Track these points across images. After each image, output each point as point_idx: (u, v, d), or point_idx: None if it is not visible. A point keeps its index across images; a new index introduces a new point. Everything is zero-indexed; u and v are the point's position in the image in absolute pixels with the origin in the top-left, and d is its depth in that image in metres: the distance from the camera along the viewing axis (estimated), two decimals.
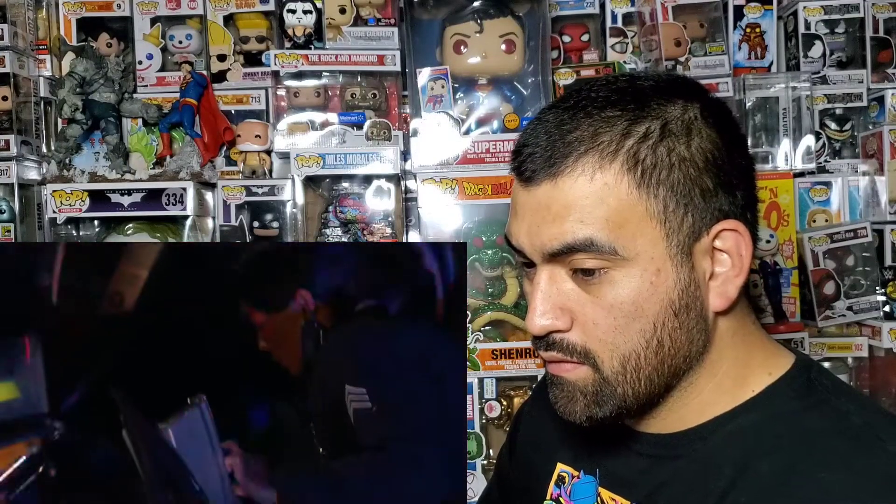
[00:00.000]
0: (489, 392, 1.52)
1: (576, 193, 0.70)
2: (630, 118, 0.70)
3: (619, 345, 0.71)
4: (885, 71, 1.63)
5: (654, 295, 0.70)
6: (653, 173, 0.69)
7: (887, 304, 1.55)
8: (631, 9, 1.65)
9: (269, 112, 1.62)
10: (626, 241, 0.69)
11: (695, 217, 0.70)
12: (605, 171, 0.69)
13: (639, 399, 0.74)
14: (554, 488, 0.89)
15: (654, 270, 0.70)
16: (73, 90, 1.53)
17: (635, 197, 0.69)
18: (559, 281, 0.73)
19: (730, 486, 0.70)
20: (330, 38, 1.56)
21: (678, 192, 0.70)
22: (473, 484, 1.50)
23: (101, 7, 1.62)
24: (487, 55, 1.55)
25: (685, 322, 0.72)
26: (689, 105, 0.72)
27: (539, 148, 0.72)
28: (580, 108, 0.72)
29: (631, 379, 0.72)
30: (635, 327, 0.71)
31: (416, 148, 1.52)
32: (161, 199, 1.49)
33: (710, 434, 0.75)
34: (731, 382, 0.75)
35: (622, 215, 0.69)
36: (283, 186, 1.54)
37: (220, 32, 1.62)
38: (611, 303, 0.71)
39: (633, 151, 0.69)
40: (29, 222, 1.59)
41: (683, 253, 0.70)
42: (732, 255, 0.72)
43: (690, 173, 0.70)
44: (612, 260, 0.69)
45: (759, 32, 1.61)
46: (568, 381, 0.75)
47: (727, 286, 0.72)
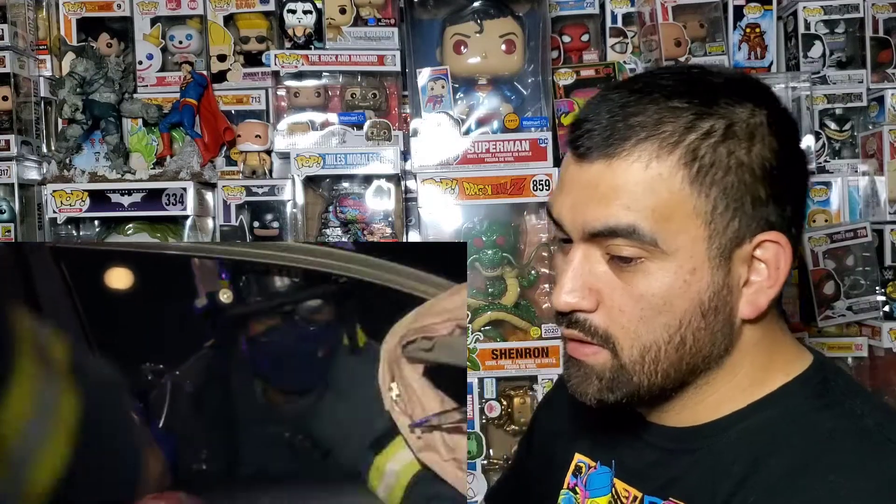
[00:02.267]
0: (489, 392, 1.52)
1: (628, 178, 0.69)
2: (696, 112, 0.69)
3: (642, 335, 0.71)
4: (885, 71, 1.63)
5: (685, 293, 0.70)
6: (708, 172, 0.68)
7: (887, 303, 1.55)
8: (631, 9, 1.65)
9: (270, 112, 1.62)
10: (669, 234, 0.68)
11: (741, 223, 0.69)
12: (662, 162, 0.68)
13: (652, 390, 0.74)
14: (571, 478, 0.89)
15: (690, 269, 0.69)
16: (73, 90, 1.53)
17: (686, 193, 0.68)
18: (593, 262, 0.72)
19: (740, 483, 0.70)
20: (330, 39, 1.57)
21: (730, 195, 0.68)
22: (473, 484, 1.50)
23: (102, 7, 1.62)
24: (487, 55, 1.56)
25: (711, 324, 0.71)
26: (757, 110, 0.70)
27: (599, 126, 0.71)
28: (647, 93, 0.71)
29: (648, 370, 0.72)
30: (660, 321, 0.70)
31: (416, 148, 1.52)
32: (161, 199, 1.49)
33: (723, 430, 0.75)
34: (749, 383, 0.75)
35: (669, 208, 0.68)
36: (284, 186, 1.54)
37: (220, 32, 1.62)
38: (641, 293, 0.70)
39: (693, 146, 0.68)
40: (29, 222, 1.60)
41: (723, 256, 0.70)
42: (770, 266, 0.71)
43: (745, 179, 0.69)
44: (650, 251, 0.69)
45: (759, 32, 1.61)
46: (585, 363, 0.75)
47: (759, 296, 0.72)
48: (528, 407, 1.52)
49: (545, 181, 1.49)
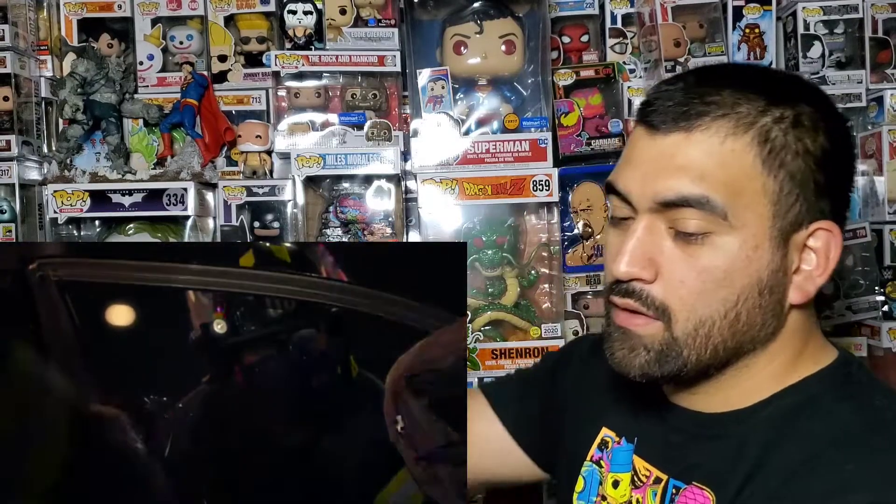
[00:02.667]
0: None
1: (703, 150, 0.72)
2: (768, 100, 0.73)
3: (699, 308, 0.73)
4: (884, 71, 1.63)
5: (746, 268, 0.72)
6: (779, 154, 0.72)
7: (886, 303, 1.55)
8: (630, 9, 1.65)
9: (270, 112, 1.62)
10: (738, 209, 0.71)
11: (801, 208, 0.73)
12: (737, 139, 0.71)
13: (699, 367, 0.75)
14: (596, 451, 0.90)
15: (753, 245, 0.72)
16: (74, 90, 1.53)
17: (757, 171, 0.71)
18: (656, 234, 0.74)
19: (758, 467, 0.72)
20: (330, 39, 1.57)
21: (795, 179, 0.72)
22: None
23: (102, 8, 1.62)
24: (487, 56, 1.56)
25: (766, 303, 0.74)
26: (818, 106, 0.75)
27: (674, 102, 0.74)
28: (722, 78, 0.75)
29: (699, 345, 0.74)
30: (720, 294, 0.72)
31: (417, 148, 1.52)
32: (162, 200, 1.49)
33: (747, 417, 0.77)
34: (783, 371, 0.78)
35: (740, 184, 0.71)
36: (284, 187, 1.54)
37: (220, 33, 1.62)
38: (705, 265, 0.72)
39: (766, 128, 0.72)
40: (30, 222, 1.60)
41: (782, 238, 0.73)
42: (820, 255, 0.74)
43: (810, 166, 0.72)
44: (718, 224, 0.71)
45: (759, 33, 1.61)
46: (635, 334, 0.76)
47: (808, 283, 0.75)
48: None
49: (545, 181, 1.50)
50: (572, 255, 1.59)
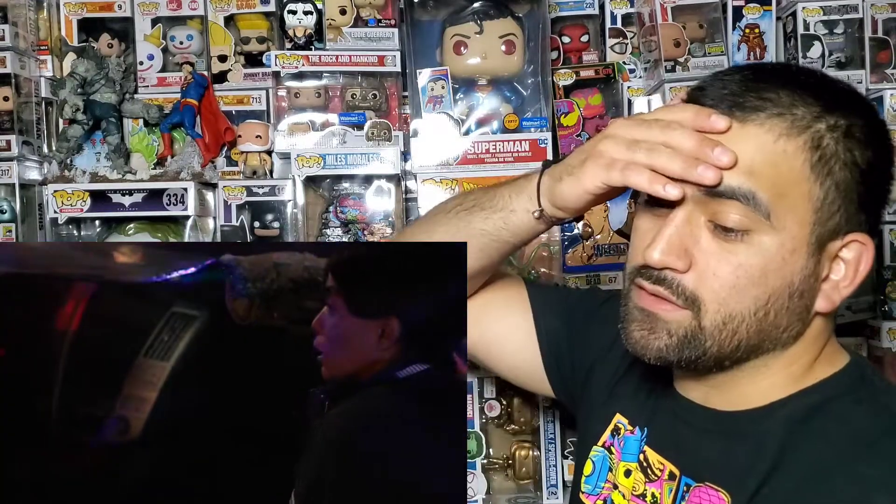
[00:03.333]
0: (489, 392, 1.52)
1: (756, 145, 0.71)
2: (824, 106, 0.72)
3: (731, 302, 0.72)
4: (884, 71, 1.63)
5: (781, 269, 0.72)
6: (828, 162, 0.71)
7: (886, 303, 1.55)
8: (630, 10, 1.66)
9: (270, 112, 1.62)
10: (781, 210, 0.70)
11: (841, 219, 0.73)
12: (790, 140, 0.71)
13: (718, 359, 0.75)
14: (609, 436, 0.90)
15: (791, 249, 0.72)
16: (74, 91, 1.53)
17: (805, 175, 0.71)
18: (694, 225, 0.73)
19: (773, 468, 0.72)
20: (330, 39, 1.57)
21: (840, 189, 0.72)
22: (473, 483, 1.51)
23: (102, 8, 1.62)
24: (487, 56, 1.56)
25: (795, 306, 0.74)
26: (869, 120, 0.75)
27: (730, 91, 0.73)
28: (780, 77, 0.74)
29: (725, 337, 0.74)
30: (752, 292, 0.72)
31: (417, 148, 1.52)
32: (162, 200, 1.49)
33: (762, 418, 0.77)
34: (800, 373, 0.78)
35: (787, 187, 0.71)
36: (284, 187, 1.54)
37: (220, 33, 1.62)
38: (741, 262, 0.71)
39: (819, 134, 0.71)
40: (30, 222, 1.60)
41: (818, 245, 0.73)
42: (850, 267, 0.74)
43: (856, 178, 0.72)
44: (759, 223, 0.70)
45: (758, 33, 1.61)
46: (660, 317, 0.75)
47: (834, 293, 0.75)
48: (527, 406, 1.52)
49: None
50: (572, 255, 1.59)
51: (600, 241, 1.59)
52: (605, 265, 1.59)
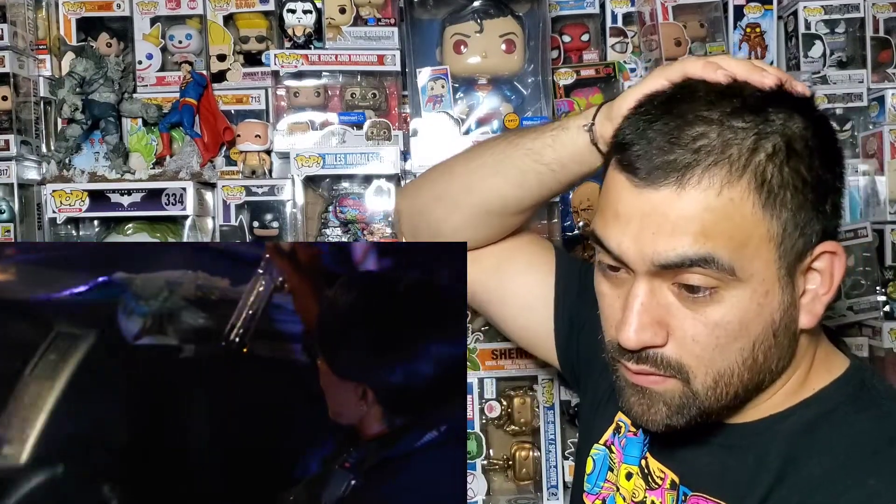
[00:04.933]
0: (489, 392, 1.52)
1: (700, 205, 0.66)
2: (757, 132, 0.68)
3: (717, 362, 0.70)
4: (886, 71, 1.63)
5: (759, 316, 0.69)
6: (778, 195, 0.67)
7: (887, 304, 1.54)
8: (631, 9, 1.65)
9: (269, 112, 1.62)
10: (745, 261, 0.67)
11: (805, 239, 0.70)
12: (733, 187, 0.66)
13: (720, 407, 0.74)
14: (611, 435, 0.89)
15: (764, 292, 0.69)
16: (72, 90, 1.53)
17: (759, 217, 0.67)
18: (659, 294, 0.70)
19: (777, 480, 0.71)
20: (330, 38, 1.56)
21: (798, 216, 0.69)
22: (473, 484, 1.50)
23: (101, 7, 1.61)
24: (487, 55, 1.55)
25: (781, 341, 0.72)
26: (805, 121, 0.70)
27: (658, 149, 0.68)
28: (700, 112, 0.69)
29: (720, 394, 0.72)
30: (736, 346, 0.70)
31: (416, 148, 1.52)
32: (161, 199, 1.49)
33: (764, 430, 0.76)
34: (798, 384, 0.76)
35: (744, 234, 0.67)
36: (283, 186, 1.54)
37: (219, 32, 1.61)
38: (716, 321, 0.69)
39: (761, 169, 0.67)
40: (28, 222, 1.59)
41: (789, 274, 0.70)
42: (824, 275, 0.72)
43: (809, 197, 0.69)
44: (725, 280, 0.67)
45: (760, 32, 1.61)
46: (654, 392, 0.73)
47: (815, 304, 0.72)
48: (527, 407, 1.52)
49: None
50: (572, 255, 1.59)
51: None
52: None
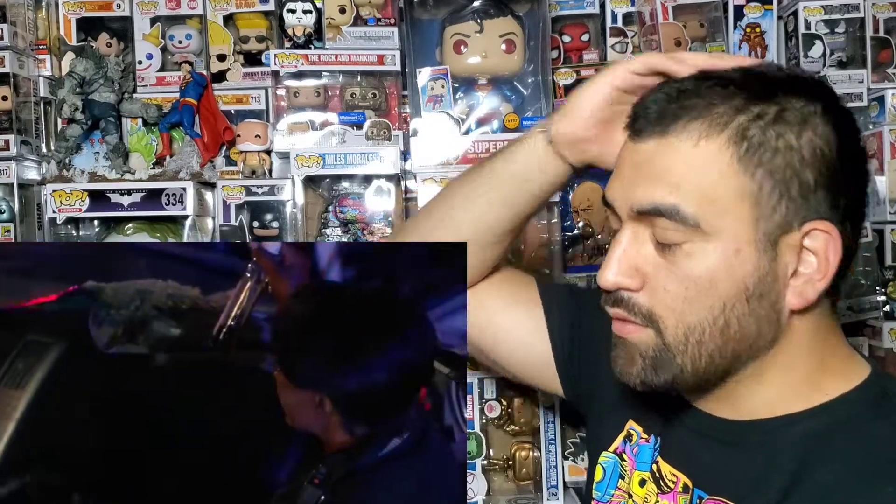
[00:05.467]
0: (489, 392, 1.52)
1: (677, 156, 0.70)
2: (748, 97, 0.70)
3: (686, 315, 0.71)
4: (886, 71, 1.63)
5: (729, 275, 0.70)
6: (756, 152, 0.68)
7: (887, 303, 1.54)
8: (631, 9, 1.65)
9: (269, 112, 1.62)
10: (712, 216, 0.69)
11: (788, 209, 0.69)
12: (711, 140, 0.69)
13: (696, 375, 0.74)
14: (621, 443, 0.89)
15: (734, 250, 0.69)
16: (72, 90, 1.53)
17: (733, 171, 0.69)
18: (640, 242, 0.73)
19: (791, 486, 0.70)
20: (330, 38, 1.56)
21: (776, 177, 0.69)
22: (473, 484, 1.50)
23: (101, 7, 1.61)
24: (487, 55, 1.55)
25: (756, 310, 0.71)
26: (814, 102, 0.71)
27: (655, 107, 0.72)
28: (705, 80, 0.73)
29: (692, 352, 0.72)
30: (705, 302, 0.71)
31: (416, 148, 1.52)
32: (161, 199, 1.49)
33: (777, 430, 0.74)
34: (806, 384, 0.75)
35: (716, 189, 0.69)
36: (283, 186, 1.54)
37: (219, 32, 1.61)
38: (686, 274, 0.71)
39: (742, 127, 0.69)
40: (28, 222, 1.59)
41: (769, 241, 0.70)
42: (819, 258, 0.70)
43: (794, 164, 0.69)
44: (692, 233, 0.69)
45: (760, 32, 1.61)
46: (630, 342, 0.75)
47: (807, 287, 0.71)
48: (528, 407, 1.52)
49: None
50: (572, 255, 1.59)
51: (601, 241, 1.59)
52: None
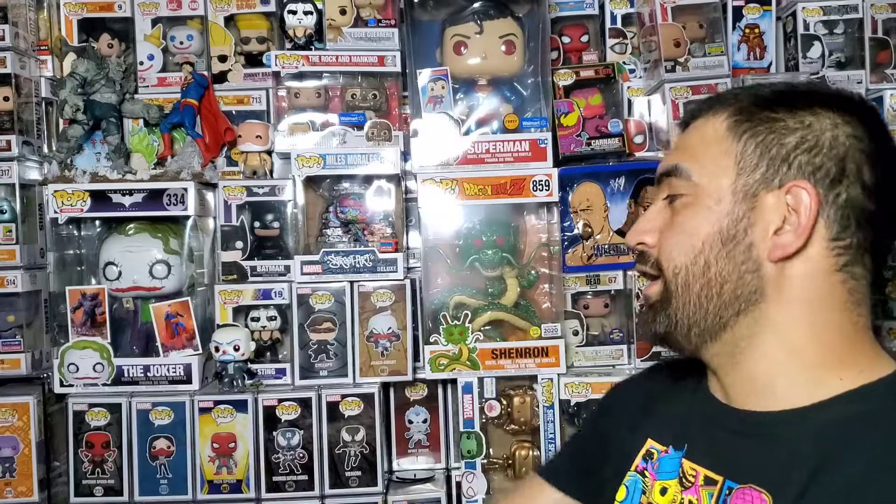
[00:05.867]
0: (489, 392, 1.53)
1: (691, 134, 0.85)
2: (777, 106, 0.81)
3: (674, 256, 0.82)
4: (884, 71, 1.63)
5: (707, 218, 0.80)
6: (746, 121, 0.80)
7: (886, 303, 1.55)
8: (630, 10, 1.66)
9: (270, 112, 1.62)
10: (700, 168, 0.82)
11: (769, 168, 0.78)
12: (718, 116, 0.83)
13: (689, 322, 0.81)
14: (641, 462, 0.90)
15: (716, 199, 0.80)
16: (74, 91, 1.53)
17: (724, 137, 0.81)
18: (662, 208, 0.86)
19: (817, 474, 0.71)
20: (330, 39, 1.57)
21: (759, 139, 0.79)
22: (473, 483, 1.51)
23: (103, 8, 1.62)
24: (487, 56, 1.56)
25: (731, 253, 0.79)
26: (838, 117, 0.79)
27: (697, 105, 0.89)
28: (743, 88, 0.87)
29: (682, 294, 0.81)
30: (687, 242, 0.81)
31: (417, 148, 1.53)
32: (162, 200, 1.49)
33: (798, 420, 0.76)
34: (820, 366, 0.78)
35: (709, 149, 0.82)
36: (284, 186, 1.55)
37: (220, 33, 1.62)
38: (678, 220, 0.82)
39: (743, 105, 0.82)
40: (30, 222, 1.60)
41: (748, 193, 0.79)
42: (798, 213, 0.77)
43: (778, 130, 0.79)
44: (685, 185, 0.82)
45: (758, 33, 1.61)
46: (646, 294, 0.87)
47: (784, 238, 0.77)
48: (527, 406, 1.52)
49: (545, 181, 1.50)
50: (572, 255, 1.60)
51: (600, 241, 1.59)
52: (606, 265, 1.59)
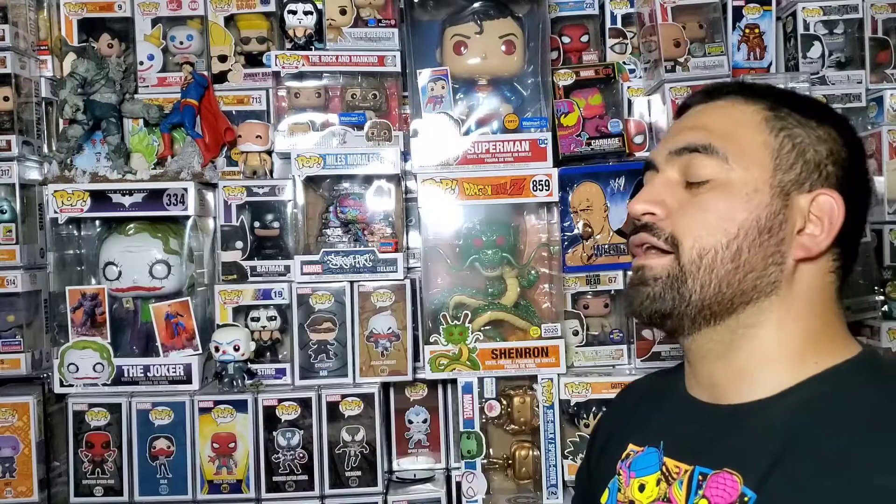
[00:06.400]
0: (489, 391, 1.53)
1: (717, 112, 0.85)
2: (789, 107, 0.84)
3: (703, 236, 0.79)
4: (884, 71, 1.63)
5: (745, 205, 0.79)
6: (783, 119, 0.82)
7: (886, 303, 1.55)
8: (630, 10, 1.66)
9: (270, 112, 1.62)
10: (738, 155, 0.80)
11: (803, 170, 0.80)
12: (748, 105, 0.84)
13: (702, 303, 0.80)
14: (620, 464, 0.92)
15: (754, 188, 0.79)
16: (74, 91, 1.53)
17: (761, 128, 0.81)
18: (670, 183, 0.84)
19: (784, 449, 0.73)
20: (330, 39, 1.57)
21: (796, 142, 0.81)
22: (473, 483, 1.51)
23: (103, 8, 1.62)
24: (487, 56, 1.56)
25: (764, 243, 0.79)
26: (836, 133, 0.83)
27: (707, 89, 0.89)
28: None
29: (703, 274, 0.79)
30: (722, 225, 0.79)
31: (417, 148, 1.53)
32: (162, 200, 1.49)
33: (771, 403, 0.78)
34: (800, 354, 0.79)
35: (744, 137, 0.81)
36: (284, 186, 1.55)
37: (220, 33, 1.62)
38: (708, 201, 0.80)
39: (775, 102, 0.83)
40: (30, 222, 1.60)
41: (783, 190, 0.79)
42: (824, 220, 0.79)
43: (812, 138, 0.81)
44: (720, 168, 0.80)
45: (758, 33, 1.61)
46: (647, 267, 0.83)
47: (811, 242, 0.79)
48: (527, 406, 1.52)
49: (545, 181, 1.50)
50: (572, 255, 1.60)
51: (600, 241, 1.59)
52: (605, 265, 1.59)
